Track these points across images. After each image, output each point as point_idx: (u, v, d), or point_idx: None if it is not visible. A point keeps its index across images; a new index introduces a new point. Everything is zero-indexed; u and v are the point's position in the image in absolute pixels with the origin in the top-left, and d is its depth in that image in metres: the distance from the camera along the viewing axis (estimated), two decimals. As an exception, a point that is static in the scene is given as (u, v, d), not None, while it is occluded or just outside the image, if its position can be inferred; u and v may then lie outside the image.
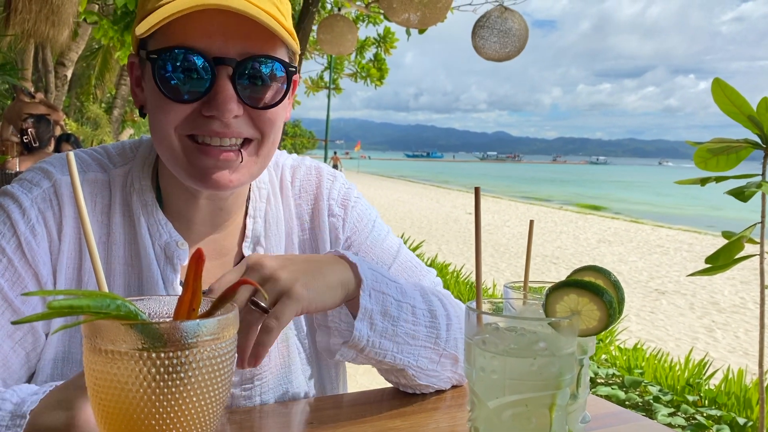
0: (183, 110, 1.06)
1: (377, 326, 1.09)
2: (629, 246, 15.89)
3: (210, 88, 1.04)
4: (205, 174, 1.08)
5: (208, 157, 1.07)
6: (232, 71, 1.04)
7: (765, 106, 3.80)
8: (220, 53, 1.03)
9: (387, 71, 11.13)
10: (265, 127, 1.11)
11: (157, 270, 1.16)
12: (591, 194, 47.75)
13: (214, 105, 1.03)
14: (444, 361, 1.21)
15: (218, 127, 1.06)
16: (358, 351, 1.09)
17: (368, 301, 1.08)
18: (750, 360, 6.30)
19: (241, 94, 1.05)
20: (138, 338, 0.62)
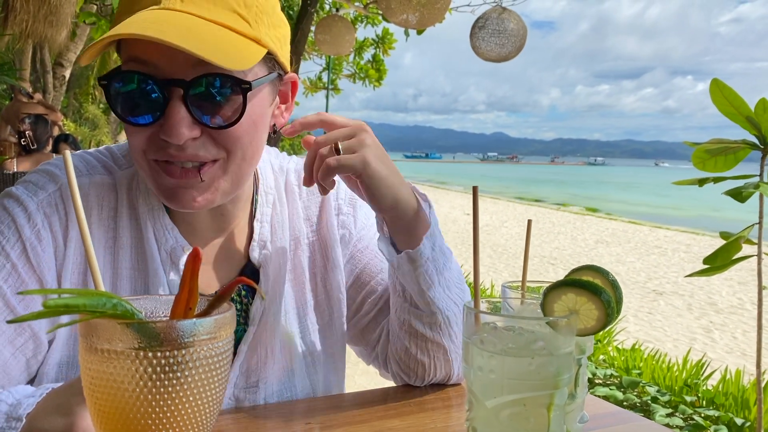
0: (143, 132, 1.02)
1: (436, 253, 1.18)
2: (627, 247, 15.91)
3: (164, 111, 0.99)
4: (170, 194, 1.06)
5: (170, 177, 1.04)
6: (183, 92, 0.99)
7: (763, 107, 3.80)
8: (171, 73, 0.98)
9: (385, 72, 11.14)
10: (228, 145, 1.05)
11: (163, 275, 1.14)
12: (589, 195, 47.80)
13: (166, 129, 0.99)
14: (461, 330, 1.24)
15: (174, 151, 1.02)
16: (414, 267, 1.15)
17: (435, 226, 1.19)
18: (747, 361, 6.31)
19: (196, 114, 1.00)
20: (134, 337, 0.61)
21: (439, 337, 1.22)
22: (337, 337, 1.36)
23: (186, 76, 0.99)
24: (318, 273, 1.33)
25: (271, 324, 1.22)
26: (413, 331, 1.23)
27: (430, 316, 1.20)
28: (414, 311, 1.21)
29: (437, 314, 1.20)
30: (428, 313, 1.20)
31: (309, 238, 1.33)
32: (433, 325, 1.21)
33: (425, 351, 1.23)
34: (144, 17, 0.96)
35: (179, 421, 0.63)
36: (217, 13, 1.00)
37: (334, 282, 1.34)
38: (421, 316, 1.21)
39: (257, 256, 1.24)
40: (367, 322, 1.37)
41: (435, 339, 1.22)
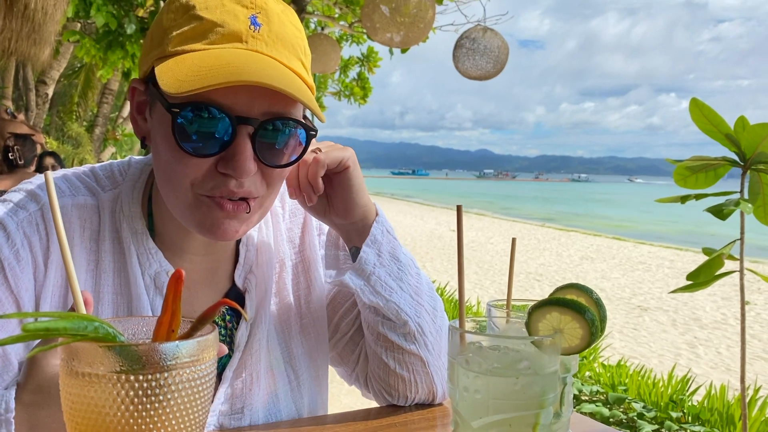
0: (199, 165, 1.01)
1: (384, 260, 1.19)
2: (612, 263, 16.00)
3: (229, 146, 0.99)
4: (214, 225, 1.05)
5: (221, 210, 1.04)
6: (253, 131, 1.00)
7: (742, 124, 3.85)
8: (244, 112, 0.99)
9: (370, 90, 11.20)
10: (273, 182, 1.08)
11: (147, 300, 1.13)
12: (573, 212, 48.09)
13: (232, 165, 0.99)
14: (438, 341, 1.25)
15: (234, 186, 1.02)
16: (365, 279, 1.17)
17: (380, 234, 1.19)
18: (732, 376, 6.35)
19: (259, 153, 1.02)
20: (116, 360, 0.61)
21: (415, 347, 1.22)
22: (322, 359, 1.35)
23: (258, 116, 1.00)
24: (302, 295, 1.33)
25: (257, 349, 1.21)
26: (388, 344, 1.22)
27: (402, 326, 1.20)
28: (386, 322, 1.21)
29: (408, 322, 1.20)
30: (400, 323, 1.20)
31: (292, 260, 1.33)
32: (407, 335, 1.21)
33: (403, 364, 1.23)
34: (238, 59, 0.96)
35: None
36: (292, 60, 1.04)
37: (318, 303, 1.33)
38: (393, 327, 1.21)
39: (242, 280, 1.23)
40: (345, 343, 1.36)
41: (411, 350, 1.22)
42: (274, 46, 1.02)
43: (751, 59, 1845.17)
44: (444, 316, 1.29)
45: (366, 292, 1.18)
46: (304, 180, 1.15)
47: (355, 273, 1.18)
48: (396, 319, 1.20)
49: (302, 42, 1.08)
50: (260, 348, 1.21)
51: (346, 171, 1.16)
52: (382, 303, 1.19)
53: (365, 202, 1.19)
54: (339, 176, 1.16)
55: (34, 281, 1.08)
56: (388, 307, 1.19)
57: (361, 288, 1.17)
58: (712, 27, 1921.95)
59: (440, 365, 1.26)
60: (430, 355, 1.23)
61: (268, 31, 1.02)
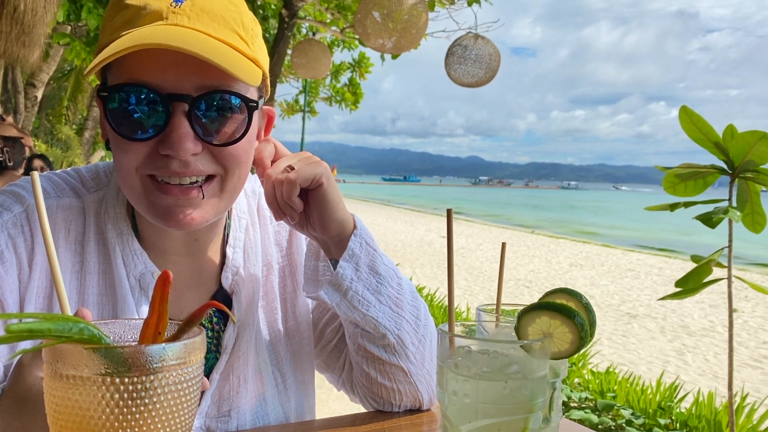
0: (140, 149, 1.01)
1: (362, 274, 1.16)
2: (601, 270, 16.05)
3: (165, 126, 0.99)
4: (166, 213, 1.04)
5: (168, 195, 1.03)
6: (188, 107, 0.99)
7: (730, 133, 3.88)
8: (175, 89, 0.98)
9: (362, 95, 11.21)
10: (227, 163, 1.06)
11: (132, 301, 1.12)
12: (563, 219, 48.27)
13: (168, 143, 0.98)
14: (421, 350, 1.23)
15: (177, 167, 1.01)
16: (342, 294, 1.14)
17: (358, 247, 1.16)
18: (719, 383, 6.38)
19: (199, 130, 1.00)
20: (101, 363, 0.60)
21: (396, 359, 1.20)
22: (308, 363, 1.34)
23: (191, 92, 0.99)
24: (288, 298, 1.32)
25: (244, 352, 1.20)
26: (369, 355, 1.21)
27: (381, 339, 1.19)
28: (366, 334, 1.20)
29: (387, 335, 1.18)
30: (379, 336, 1.18)
31: (280, 263, 1.32)
32: (387, 347, 1.19)
33: (385, 374, 1.22)
34: (153, 32, 0.95)
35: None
36: (221, 31, 1.02)
37: (303, 307, 1.33)
38: (373, 339, 1.19)
39: (229, 282, 1.22)
40: (330, 351, 1.35)
41: (391, 361, 1.20)
42: (198, 18, 1.00)
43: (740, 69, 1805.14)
44: (429, 323, 1.27)
45: (342, 308, 1.16)
46: (282, 201, 1.12)
47: (332, 288, 1.15)
48: (375, 332, 1.18)
49: (238, 15, 1.06)
50: (248, 351, 1.21)
51: (320, 188, 1.12)
52: (360, 318, 1.17)
53: (341, 216, 1.15)
54: (313, 193, 1.13)
55: (18, 283, 1.07)
56: (365, 321, 1.17)
57: (338, 303, 1.15)
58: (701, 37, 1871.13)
59: (424, 373, 1.24)
60: (412, 365, 1.22)
61: (191, 6, 1.01)
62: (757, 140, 3.53)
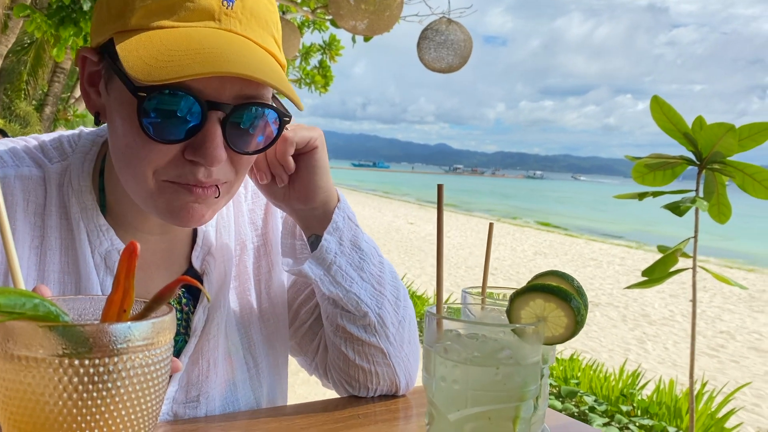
0: (164, 152, 0.94)
1: (345, 249, 1.13)
2: (564, 258, 16.27)
3: (197, 132, 0.92)
4: (182, 210, 0.98)
5: (190, 194, 0.97)
6: (223, 116, 0.93)
7: (699, 124, 3.91)
8: (215, 96, 0.91)
9: (332, 79, 11.07)
10: (242, 168, 1.02)
11: (97, 280, 1.05)
12: (529, 208, 48.82)
13: (201, 152, 0.92)
14: (401, 332, 1.19)
15: (202, 176, 0.95)
16: (326, 268, 1.11)
17: (341, 221, 1.13)
18: (679, 371, 6.51)
19: (230, 139, 0.95)
20: (58, 342, 0.54)
21: (375, 339, 1.16)
22: (282, 347, 1.29)
23: (230, 100, 0.93)
24: (262, 280, 1.26)
25: (215, 334, 1.14)
26: (348, 336, 1.17)
27: (362, 318, 1.15)
28: (345, 314, 1.16)
29: (369, 314, 1.15)
30: (360, 314, 1.15)
31: (254, 243, 1.26)
32: (367, 327, 1.16)
33: (363, 356, 1.18)
34: (211, 41, 0.89)
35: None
36: (265, 38, 0.97)
37: (278, 288, 1.28)
38: (353, 319, 1.15)
39: (200, 262, 1.16)
40: (304, 332, 1.30)
41: (371, 342, 1.16)
42: (248, 24, 0.95)
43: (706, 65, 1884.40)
44: (408, 305, 1.24)
45: (326, 283, 1.12)
46: (273, 160, 1.09)
47: (315, 262, 1.11)
48: (356, 311, 1.14)
49: (275, 16, 1.01)
50: (218, 333, 1.15)
51: (314, 151, 1.10)
52: (342, 294, 1.13)
53: (328, 186, 1.13)
54: (305, 157, 1.10)
55: None
56: (347, 298, 1.13)
57: (321, 278, 1.11)
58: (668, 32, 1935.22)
59: (402, 356, 1.21)
60: (392, 346, 1.18)
61: (242, 8, 0.94)
62: (724, 132, 3.57)
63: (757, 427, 4.75)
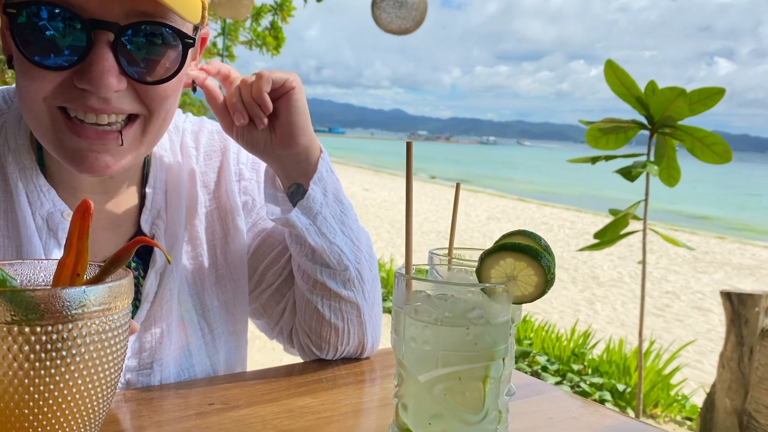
0: (52, 77, 0.87)
1: (329, 200, 1.11)
2: (516, 223, 16.53)
3: (85, 56, 0.85)
4: (78, 156, 0.92)
5: (81, 138, 0.91)
6: (113, 37, 0.85)
7: (652, 89, 3.95)
8: (100, 14, 0.84)
9: (284, 40, 10.81)
10: (153, 103, 0.94)
11: (39, 244, 0.99)
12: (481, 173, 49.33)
13: (88, 77, 0.85)
14: (374, 289, 1.20)
15: (95, 103, 0.88)
16: (312, 218, 1.09)
17: (325, 172, 1.11)
18: (627, 330, 6.73)
19: (125, 65, 0.88)
20: (7, 309, 0.50)
21: (353, 294, 1.16)
22: (241, 312, 1.26)
23: (118, 19, 0.85)
24: (218, 244, 1.22)
25: (167, 300, 1.11)
26: (326, 291, 1.15)
27: (343, 272, 1.14)
28: (325, 270, 1.14)
29: (349, 268, 1.14)
30: (341, 268, 1.13)
31: (207, 207, 1.22)
32: (347, 282, 1.15)
33: (339, 312, 1.16)
34: None
35: (65, 410, 0.52)
36: None
37: (236, 253, 1.24)
38: (333, 274, 1.14)
39: (149, 225, 1.12)
40: (270, 294, 1.27)
41: (349, 298, 1.15)
42: None
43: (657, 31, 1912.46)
44: (377, 266, 1.24)
45: (312, 233, 1.10)
46: (249, 100, 1.04)
47: (302, 211, 1.09)
48: (337, 264, 1.13)
49: None
50: (171, 299, 1.11)
51: (291, 92, 1.06)
52: (326, 245, 1.11)
53: (310, 130, 1.10)
54: (284, 98, 1.07)
55: None
56: (331, 251, 1.12)
57: (307, 228, 1.09)
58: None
59: (373, 315, 1.21)
60: (366, 303, 1.18)
61: None
62: (676, 96, 3.63)
63: (699, 382, 4.96)
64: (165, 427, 0.88)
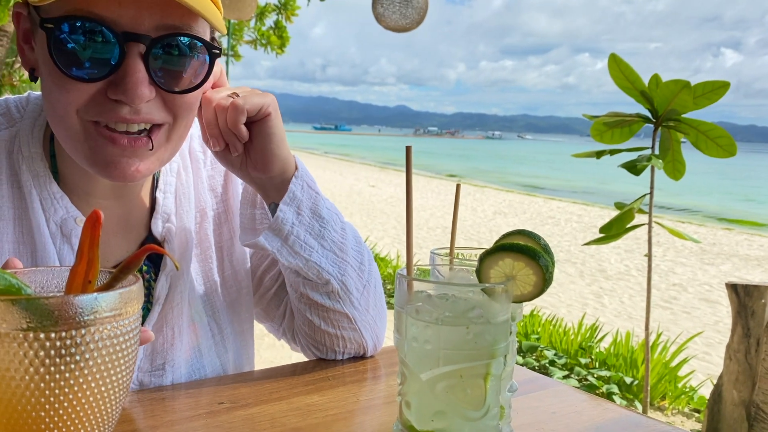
0: (85, 90, 0.90)
1: (304, 218, 1.11)
2: (523, 217, 16.52)
3: (117, 68, 0.88)
4: (110, 164, 0.95)
5: (114, 145, 0.93)
6: (144, 49, 0.89)
7: (656, 82, 3.94)
8: (132, 27, 0.87)
9: (288, 39, 10.83)
10: (179, 110, 0.98)
11: (53, 250, 1.02)
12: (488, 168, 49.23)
13: (122, 88, 0.88)
14: (366, 296, 1.19)
15: (127, 113, 0.91)
16: (283, 239, 1.09)
17: (299, 190, 1.10)
18: (634, 323, 6.73)
19: (155, 76, 0.91)
20: (22, 316, 0.52)
21: (340, 305, 1.16)
22: (246, 313, 1.29)
23: (149, 32, 0.88)
24: (224, 246, 1.25)
25: (178, 303, 1.13)
26: (312, 303, 1.17)
27: (324, 285, 1.14)
28: (307, 283, 1.15)
29: (331, 281, 1.14)
30: (322, 282, 1.14)
31: (214, 210, 1.24)
32: (330, 294, 1.15)
33: (329, 321, 1.18)
34: None
35: (79, 413, 0.55)
36: None
37: (241, 255, 1.26)
38: (316, 287, 1.15)
39: (160, 229, 1.14)
40: (269, 299, 1.30)
41: (335, 308, 1.16)
42: None
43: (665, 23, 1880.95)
44: (373, 269, 1.24)
45: (284, 254, 1.10)
46: (225, 128, 1.04)
47: (272, 233, 1.09)
48: (318, 279, 1.14)
49: None
50: (182, 301, 1.14)
51: (266, 119, 1.06)
52: (302, 264, 1.12)
53: (285, 154, 1.09)
54: (258, 124, 1.06)
55: None
56: (308, 268, 1.12)
57: (279, 249, 1.09)
58: None
59: (368, 320, 1.21)
60: (357, 311, 1.18)
61: None
62: (680, 89, 3.62)
63: (707, 374, 4.96)
64: (176, 426, 0.91)
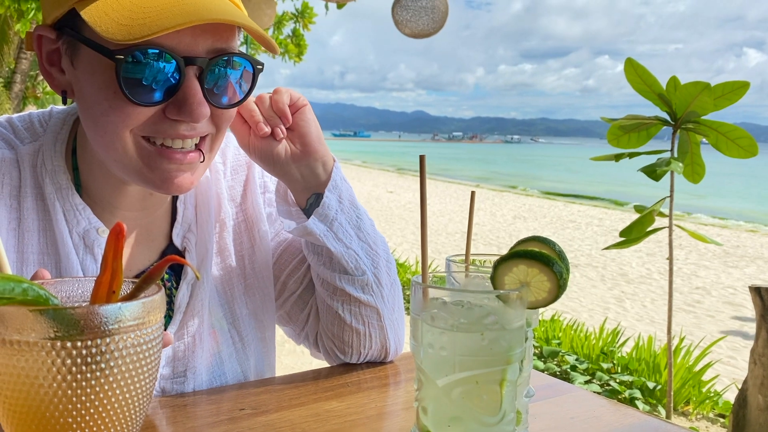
0: (144, 113, 0.94)
1: (345, 206, 1.17)
2: (543, 221, 16.43)
3: (177, 90, 0.93)
4: (166, 179, 0.99)
5: (170, 161, 0.98)
6: (200, 71, 0.94)
7: (674, 84, 3.90)
8: (189, 52, 0.92)
9: (306, 47, 10.92)
10: (222, 122, 1.03)
11: (76, 260, 1.05)
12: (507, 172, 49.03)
13: (185, 109, 0.93)
14: (393, 294, 1.23)
15: (185, 130, 0.97)
16: (328, 224, 1.14)
17: (339, 180, 1.17)
18: (657, 327, 6.66)
19: (208, 94, 0.96)
20: (49, 326, 0.54)
21: (372, 298, 1.19)
22: (269, 320, 1.30)
23: (204, 54, 0.94)
24: (245, 255, 1.27)
25: (198, 310, 1.15)
26: (345, 297, 1.19)
27: (360, 277, 1.18)
28: (343, 276, 1.18)
29: (367, 273, 1.18)
30: (358, 273, 1.18)
31: (234, 219, 1.27)
32: (365, 287, 1.19)
33: (359, 317, 1.20)
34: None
35: (104, 419, 0.56)
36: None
37: (263, 263, 1.28)
38: (351, 280, 1.18)
39: (181, 239, 1.17)
40: (293, 302, 1.32)
41: (368, 301, 1.19)
42: None
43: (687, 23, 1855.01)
44: (396, 270, 1.27)
45: (330, 238, 1.15)
46: (270, 112, 1.12)
47: (318, 218, 1.14)
48: (355, 269, 1.17)
49: None
50: (202, 309, 1.16)
51: (305, 108, 1.15)
52: (344, 250, 1.16)
53: (323, 141, 1.17)
54: (298, 113, 1.14)
55: None
56: (348, 255, 1.16)
57: (325, 234, 1.14)
58: None
59: (394, 319, 1.24)
60: (386, 307, 1.22)
61: None
62: (699, 91, 3.58)
63: (732, 378, 4.89)
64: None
